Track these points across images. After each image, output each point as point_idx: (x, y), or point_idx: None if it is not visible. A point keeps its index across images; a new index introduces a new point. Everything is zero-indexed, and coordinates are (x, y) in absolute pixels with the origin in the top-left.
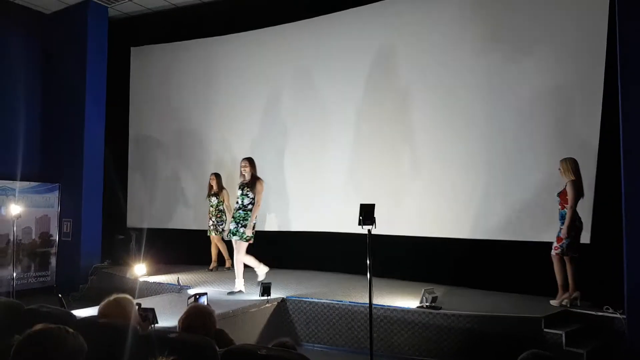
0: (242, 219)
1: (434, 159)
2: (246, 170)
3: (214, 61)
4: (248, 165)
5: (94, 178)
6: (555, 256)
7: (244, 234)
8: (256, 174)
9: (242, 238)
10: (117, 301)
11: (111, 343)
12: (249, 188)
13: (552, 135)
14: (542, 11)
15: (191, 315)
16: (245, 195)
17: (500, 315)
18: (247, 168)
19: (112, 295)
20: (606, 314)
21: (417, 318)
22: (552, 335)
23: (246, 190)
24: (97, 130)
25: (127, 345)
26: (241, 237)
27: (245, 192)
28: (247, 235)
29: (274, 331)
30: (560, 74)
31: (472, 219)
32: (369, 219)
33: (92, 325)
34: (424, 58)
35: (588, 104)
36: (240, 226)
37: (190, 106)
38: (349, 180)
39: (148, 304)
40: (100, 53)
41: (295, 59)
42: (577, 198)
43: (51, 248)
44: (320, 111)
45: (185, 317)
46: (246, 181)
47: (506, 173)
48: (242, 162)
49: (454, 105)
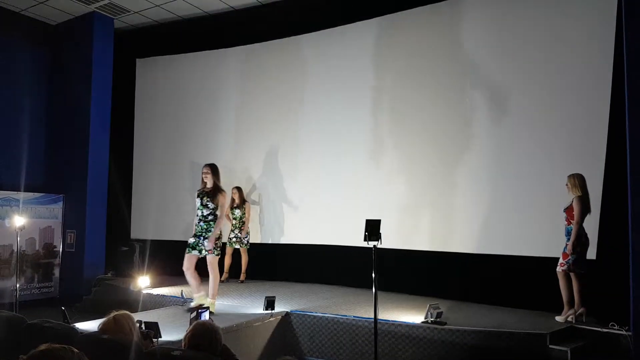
0: (204, 230)
1: (438, 173)
2: (208, 177)
3: (220, 73)
4: (210, 173)
5: (98, 189)
6: (561, 272)
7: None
8: (219, 182)
9: (202, 252)
10: (116, 319)
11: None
12: (209, 198)
13: (558, 150)
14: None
15: (198, 332)
16: (205, 206)
17: (506, 331)
18: (208, 175)
19: (112, 313)
20: (612, 331)
21: (422, 333)
22: (558, 352)
23: (206, 200)
24: (102, 142)
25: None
26: (200, 252)
27: (205, 202)
28: (212, 249)
29: (278, 345)
30: (566, 90)
31: (478, 233)
32: (374, 234)
33: (96, 341)
34: (429, 70)
35: (595, 120)
36: (203, 239)
37: (196, 118)
38: (355, 194)
39: (151, 317)
40: (106, 64)
41: (301, 72)
42: (583, 214)
43: (55, 259)
44: (326, 125)
45: (191, 335)
46: (207, 189)
47: (512, 188)
48: (203, 168)
49: (459, 120)
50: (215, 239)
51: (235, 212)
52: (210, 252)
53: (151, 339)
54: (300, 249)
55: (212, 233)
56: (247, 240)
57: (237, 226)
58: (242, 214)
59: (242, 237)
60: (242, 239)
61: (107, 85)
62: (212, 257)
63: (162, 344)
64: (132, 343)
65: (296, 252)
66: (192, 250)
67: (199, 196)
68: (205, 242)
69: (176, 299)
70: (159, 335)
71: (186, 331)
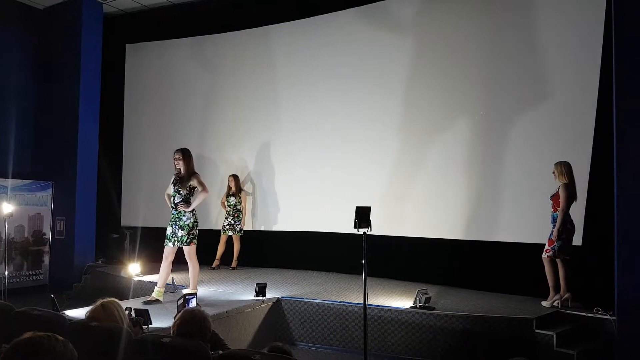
0: (176, 219)
1: (428, 161)
2: (180, 163)
3: (210, 59)
4: (181, 158)
5: (88, 176)
6: (547, 258)
7: (183, 237)
8: (192, 167)
9: (184, 242)
10: (105, 306)
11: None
12: (180, 184)
13: (546, 138)
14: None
15: (186, 320)
16: (178, 192)
17: (493, 316)
18: (180, 161)
19: (99, 299)
20: (597, 315)
21: (411, 318)
22: (544, 336)
23: (178, 186)
24: (91, 127)
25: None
26: (182, 242)
27: (177, 188)
28: (188, 238)
29: (269, 331)
30: (555, 78)
31: (466, 220)
32: (364, 221)
33: (84, 328)
34: (421, 61)
35: (582, 108)
36: (178, 228)
37: (187, 104)
38: (345, 181)
39: (142, 305)
40: (95, 49)
41: (294, 57)
42: (569, 201)
43: (44, 246)
44: (318, 110)
45: (179, 323)
46: (181, 175)
47: (500, 175)
48: (175, 154)
49: (449, 108)
50: (191, 228)
51: (230, 199)
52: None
53: (141, 326)
54: (292, 236)
55: (192, 204)
56: (239, 228)
57: (231, 213)
58: (237, 202)
59: (235, 224)
60: (235, 226)
61: (96, 70)
62: (189, 247)
63: (153, 331)
64: (121, 330)
65: (287, 239)
66: (168, 242)
67: (173, 183)
68: (179, 232)
69: (167, 285)
70: (149, 322)
71: (174, 318)
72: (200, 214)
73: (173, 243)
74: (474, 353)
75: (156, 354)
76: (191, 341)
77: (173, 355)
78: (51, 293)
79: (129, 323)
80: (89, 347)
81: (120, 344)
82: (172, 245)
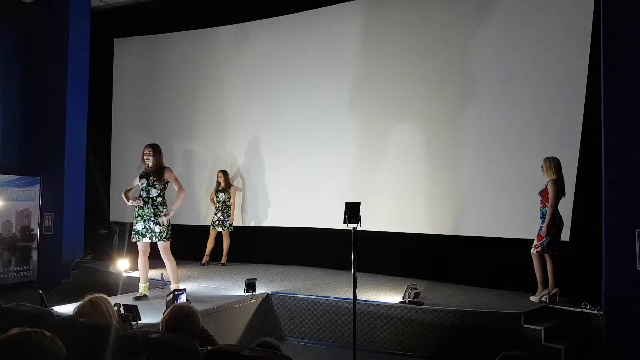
0: (153, 215)
1: (418, 157)
2: (150, 159)
3: (199, 53)
4: (152, 155)
5: (76, 171)
6: (536, 254)
7: (162, 232)
8: (162, 163)
9: (162, 238)
10: (93, 301)
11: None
12: (155, 177)
13: (534, 134)
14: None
15: (175, 316)
16: (152, 186)
17: (482, 311)
18: (150, 157)
19: (87, 295)
20: (584, 310)
21: (400, 313)
22: (532, 331)
23: (152, 179)
24: (79, 122)
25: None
26: (161, 238)
27: (152, 181)
28: (167, 234)
29: (259, 327)
30: (543, 74)
31: (455, 216)
32: (354, 217)
33: (72, 324)
34: (408, 58)
35: (570, 103)
36: (154, 224)
37: (176, 99)
38: (335, 176)
39: (131, 301)
40: (83, 43)
41: (283, 52)
42: (558, 197)
43: (32, 242)
44: (309, 106)
45: (168, 318)
46: (150, 169)
47: (489, 171)
48: (145, 149)
49: (437, 104)
50: (169, 224)
51: (219, 195)
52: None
53: (130, 322)
54: (282, 232)
55: (173, 208)
56: (229, 224)
57: (220, 209)
58: (227, 197)
59: (225, 220)
60: (224, 221)
61: (84, 65)
62: (163, 243)
63: (142, 327)
64: (110, 326)
65: (277, 234)
66: (142, 237)
67: (141, 177)
68: (156, 228)
69: (156, 281)
70: (138, 318)
71: (163, 314)
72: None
73: (150, 238)
74: (462, 348)
75: (145, 349)
76: (180, 337)
77: (162, 350)
78: (39, 289)
79: (118, 319)
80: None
81: (109, 339)
82: (147, 240)
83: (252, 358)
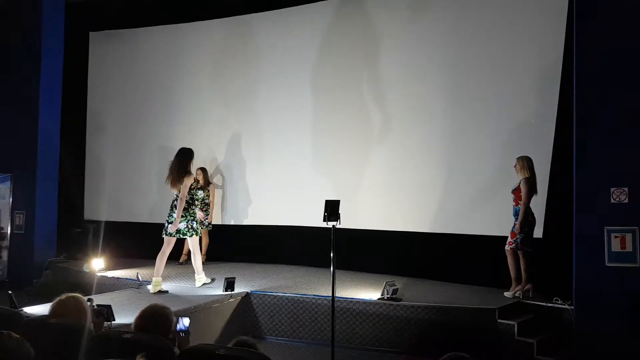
0: (169, 216)
1: (396, 156)
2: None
3: (177, 48)
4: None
5: (49, 168)
6: (509, 250)
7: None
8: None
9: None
10: (69, 300)
11: (62, 344)
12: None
13: (508, 133)
14: (502, 10)
15: (147, 315)
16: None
17: (457, 307)
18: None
19: (63, 295)
20: (556, 305)
21: (379, 310)
22: (505, 326)
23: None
24: (52, 118)
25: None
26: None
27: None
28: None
29: (237, 326)
30: (517, 74)
31: (433, 213)
32: (333, 214)
33: (42, 325)
34: (385, 58)
35: (544, 103)
36: (168, 223)
37: (152, 95)
38: (315, 174)
39: (105, 300)
40: (56, 37)
41: (265, 48)
42: (530, 195)
43: (3, 242)
44: (289, 104)
45: (139, 317)
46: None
47: (465, 170)
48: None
49: (414, 104)
50: (192, 219)
51: (198, 193)
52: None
53: (104, 316)
54: (262, 230)
55: (175, 216)
56: (208, 222)
57: (199, 207)
58: (206, 195)
59: (203, 219)
60: (204, 220)
61: (58, 58)
62: (191, 239)
63: (116, 327)
64: (83, 326)
65: (257, 233)
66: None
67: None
68: (169, 226)
69: (132, 281)
70: (112, 319)
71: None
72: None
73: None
74: (439, 342)
75: (118, 350)
76: (153, 336)
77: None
78: (9, 290)
79: (92, 316)
80: (48, 345)
81: (81, 340)
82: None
83: (227, 357)
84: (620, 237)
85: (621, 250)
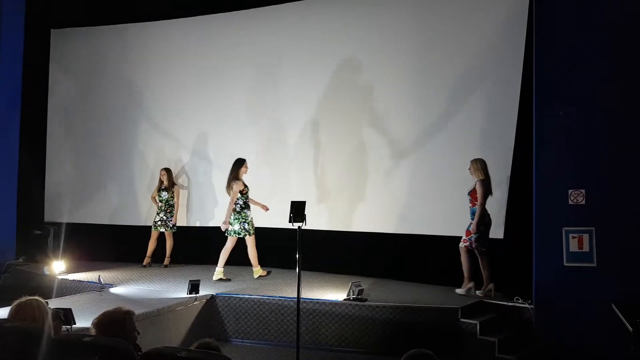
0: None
1: (362, 159)
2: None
3: (140, 47)
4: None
5: (7, 168)
6: (463, 248)
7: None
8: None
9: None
10: (28, 303)
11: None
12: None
13: (470, 134)
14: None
15: (105, 318)
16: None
17: (421, 306)
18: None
19: (22, 298)
20: (516, 305)
21: (344, 310)
22: (468, 325)
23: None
24: (11, 117)
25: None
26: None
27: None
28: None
29: (202, 329)
30: (479, 79)
31: (398, 215)
32: (299, 216)
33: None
34: (350, 61)
35: (505, 105)
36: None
37: (116, 93)
38: (281, 176)
39: (66, 304)
40: (15, 33)
41: (232, 49)
42: (486, 196)
43: None
44: (255, 103)
45: (97, 322)
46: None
47: (429, 173)
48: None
49: (380, 106)
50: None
51: (162, 194)
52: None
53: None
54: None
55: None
56: (172, 224)
57: (162, 209)
58: (170, 196)
59: (167, 220)
60: (167, 222)
61: (17, 56)
62: (249, 238)
63: (77, 331)
64: (41, 330)
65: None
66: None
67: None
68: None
69: (93, 284)
70: (72, 322)
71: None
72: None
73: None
74: (403, 341)
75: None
76: (113, 339)
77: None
78: None
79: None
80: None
81: (39, 344)
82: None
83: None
84: (578, 237)
85: (579, 250)
